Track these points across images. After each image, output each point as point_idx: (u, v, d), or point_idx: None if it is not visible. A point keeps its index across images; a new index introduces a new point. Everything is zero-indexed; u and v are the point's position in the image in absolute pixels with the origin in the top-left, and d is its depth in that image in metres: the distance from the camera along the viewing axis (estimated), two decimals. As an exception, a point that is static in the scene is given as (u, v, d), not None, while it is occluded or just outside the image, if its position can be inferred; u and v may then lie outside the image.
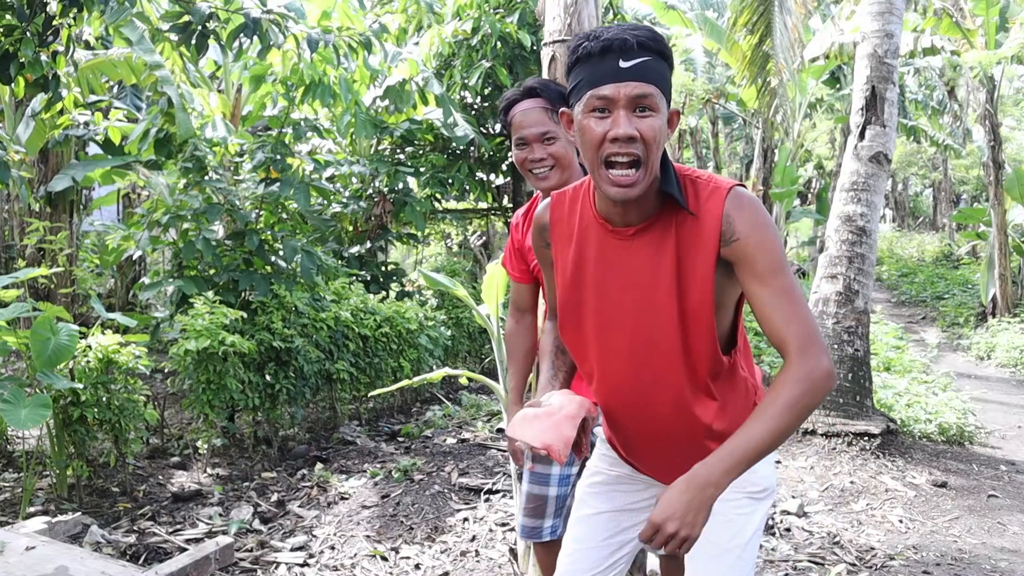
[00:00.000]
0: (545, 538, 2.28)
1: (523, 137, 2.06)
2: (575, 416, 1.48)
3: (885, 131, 5.29)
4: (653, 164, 1.38)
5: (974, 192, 25.29)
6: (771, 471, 1.63)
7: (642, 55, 1.35)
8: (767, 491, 1.61)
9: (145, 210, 5.42)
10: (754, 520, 1.57)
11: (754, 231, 1.39)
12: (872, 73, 5.29)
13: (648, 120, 1.35)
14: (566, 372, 1.71)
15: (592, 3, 2.71)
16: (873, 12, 5.35)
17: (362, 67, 6.47)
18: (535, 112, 2.05)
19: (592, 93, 1.36)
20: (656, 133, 1.36)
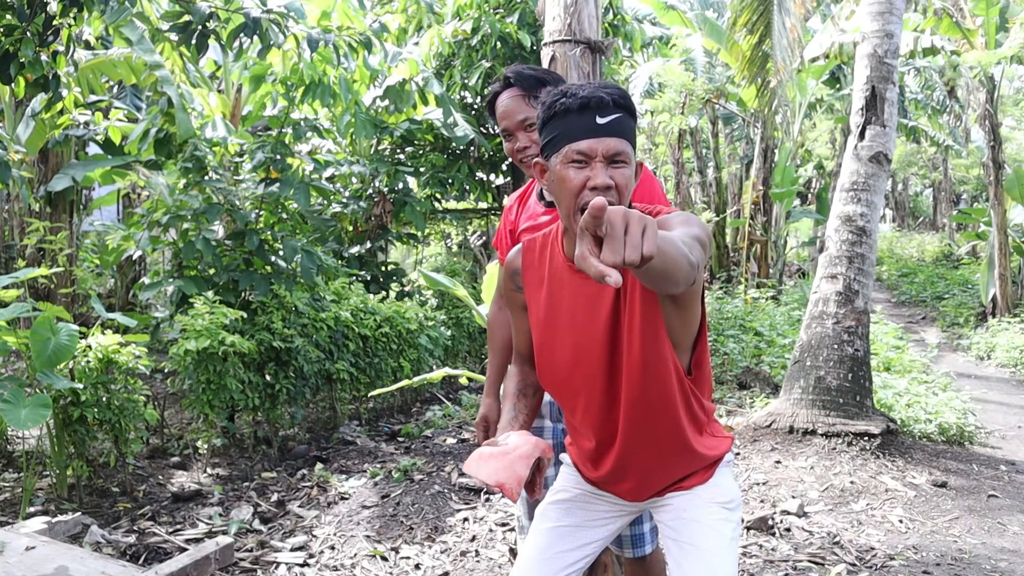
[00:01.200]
0: None
1: (506, 128, 2.07)
2: (529, 456, 1.54)
3: (885, 131, 5.29)
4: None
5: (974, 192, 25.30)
6: (734, 485, 1.73)
7: (616, 112, 1.46)
8: (734, 503, 1.70)
9: (145, 210, 5.42)
10: (728, 527, 1.65)
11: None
12: (872, 73, 5.29)
13: (621, 171, 1.47)
14: (527, 414, 1.78)
15: (592, 3, 2.71)
16: (873, 12, 5.35)
17: (362, 67, 6.47)
18: (513, 101, 2.05)
19: (572, 147, 1.46)
20: (627, 183, 1.47)
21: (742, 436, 5.03)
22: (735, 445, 4.93)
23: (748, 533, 3.64)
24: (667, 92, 12.48)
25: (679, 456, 1.66)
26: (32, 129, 6.85)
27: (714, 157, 15.62)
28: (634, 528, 2.08)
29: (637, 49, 10.43)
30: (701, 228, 1.40)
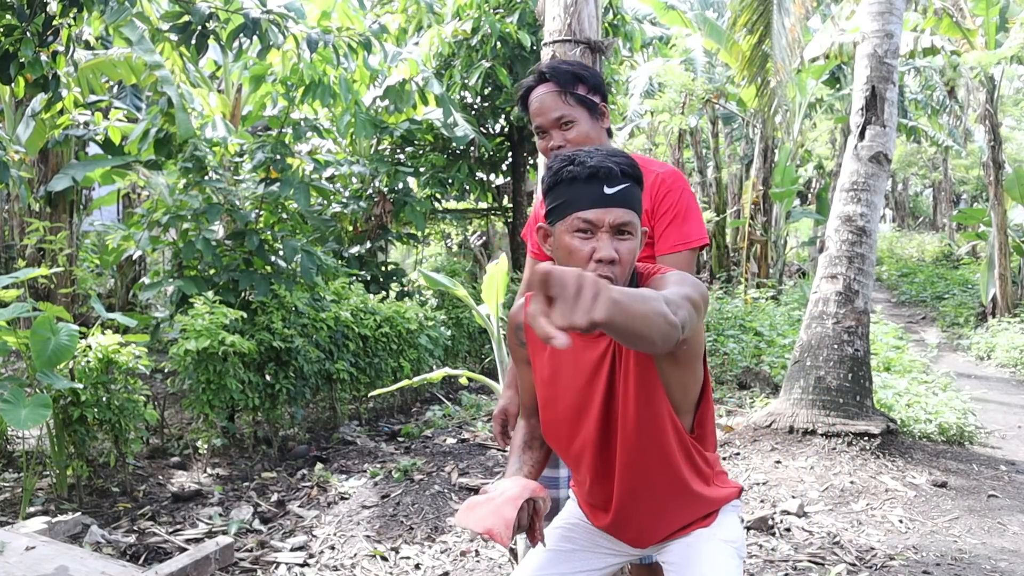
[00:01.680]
0: None
1: (540, 126, 2.00)
2: (516, 497, 1.50)
3: (885, 131, 5.29)
4: (625, 280, 1.48)
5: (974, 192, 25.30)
6: (738, 526, 1.73)
7: (624, 182, 1.45)
8: (738, 542, 1.69)
9: (145, 210, 5.42)
10: (733, 563, 1.64)
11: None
12: (872, 73, 5.29)
13: (627, 243, 1.46)
14: (531, 466, 1.75)
15: (592, 3, 2.71)
16: (873, 12, 5.35)
17: (362, 67, 6.47)
18: (549, 97, 1.97)
19: (578, 215, 1.45)
20: (632, 256, 1.47)
21: (742, 436, 5.03)
22: (736, 445, 4.93)
23: (748, 533, 3.64)
24: (667, 92, 12.49)
25: (682, 506, 1.66)
26: (32, 129, 6.85)
27: (714, 157, 15.62)
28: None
29: (637, 49, 10.44)
30: (694, 288, 1.39)
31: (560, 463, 2.19)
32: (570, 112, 1.96)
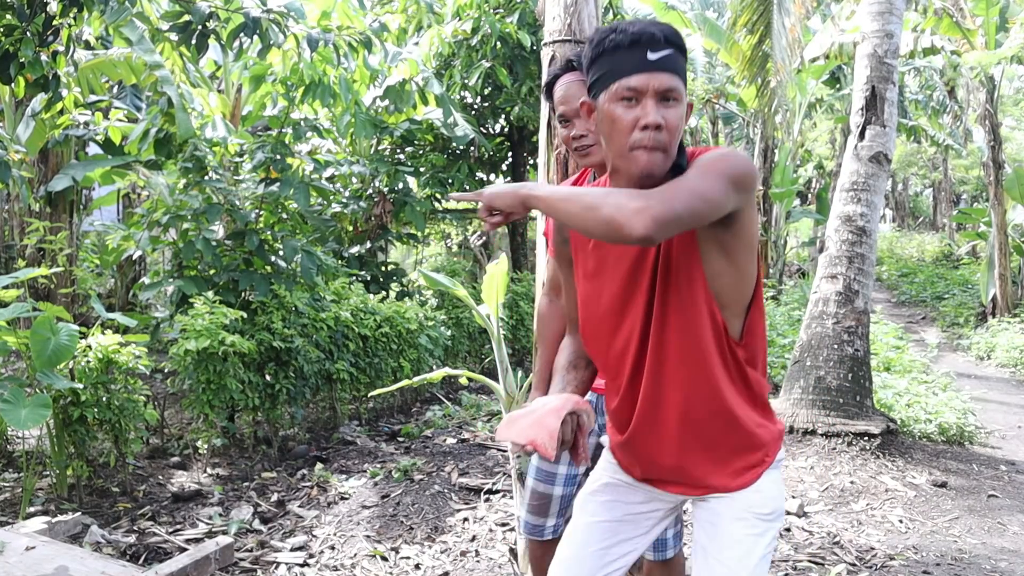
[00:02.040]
0: (547, 536, 2.25)
1: (563, 114, 2.01)
2: (558, 409, 1.44)
3: (885, 131, 5.29)
4: (673, 150, 1.43)
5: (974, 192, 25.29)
6: (779, 493, 1.59)
7: (667, 48, 1.40)
8: (775, 513, 1.57)
9: (145, 210, 5.42)
10: (762, 542, 1.54)
11: (705, 153, 1.41)
12: (872, 73, 5.29)
13: (673, 109, 1.40)
14: (575, 387, 1.69)
15: (592, 3, 2.71)
16: (873, 12, 5.35)
17: (362, 67, 6.47)
18: (576, 86, 1.99)
19: (622, 83, 1.40)
20: (679, 122, 1.41)
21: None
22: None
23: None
24: (667, 92, 12.46)
25: (720, 432, 1.54)
26: (32, 129, 6.85)
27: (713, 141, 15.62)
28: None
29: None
30: (723, 171, 1.35)
31: (560, 458, 2.17)
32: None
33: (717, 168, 1.35)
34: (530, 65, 8.26)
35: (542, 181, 2.72)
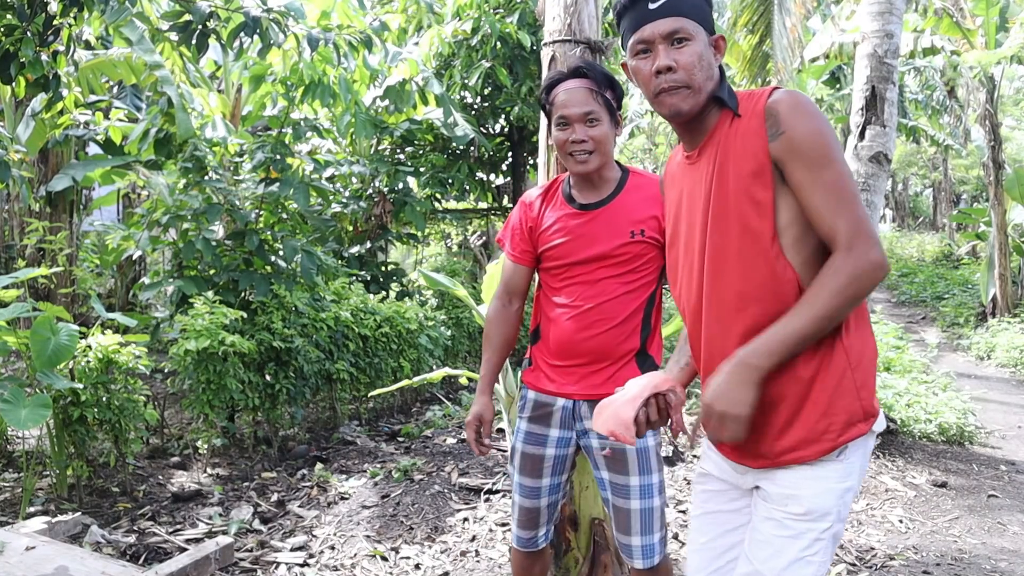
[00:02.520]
0: (540, 546, 2.24)
1: (565, 117, 2.01)
2: (636, 397, 1.55)
3: (885, 131, 5.29)
4: (698, 84, 1.47)
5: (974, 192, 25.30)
6: (823, 491, 1.44)
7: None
8: (814, 514, 1.44)
9: (145, 210, 5.42)
10: (796, 544, 1.43)
11: (798, 121, 1.39)
12: (872, 73, 5.29)
13: (686, 49, 1.46)
14: (688, 357, 1.69)
15: (592, 3, 2.71)
16: (873, 12, 5.35)
17: (362, 67, 6.47)
18: (580, 92, 2.01)
19: (633, 39, 1.51)
20: (695, 58, 1.46)
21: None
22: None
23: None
24: (667, 92, 12.46)
25: (778, 387, 1.43)
26: (32, 129, 6.85)
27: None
28: (644, 539, 2.05)
29: (637, 49, 10.42)
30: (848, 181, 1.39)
31: (543, 470, 2.15)
32: (598, 111, 2.00)
33: (840, 167, 1.39)
34: (530, 65, 8.25)
35: (542, 181, 2.72)
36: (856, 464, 1.46)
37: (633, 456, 2.05)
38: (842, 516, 1.46)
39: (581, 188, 2.11)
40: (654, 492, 2.06)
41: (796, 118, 1.39)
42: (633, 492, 2.05)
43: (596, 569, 2.67)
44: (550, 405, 2.13)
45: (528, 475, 2.17)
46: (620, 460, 2.05)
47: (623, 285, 2.04)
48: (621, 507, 2.08)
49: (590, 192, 2.10)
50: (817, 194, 1.37)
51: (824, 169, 1.38)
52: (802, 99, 1.41)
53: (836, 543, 1.47)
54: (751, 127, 1.44)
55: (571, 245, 2.08)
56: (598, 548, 2.67)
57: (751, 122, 1.44)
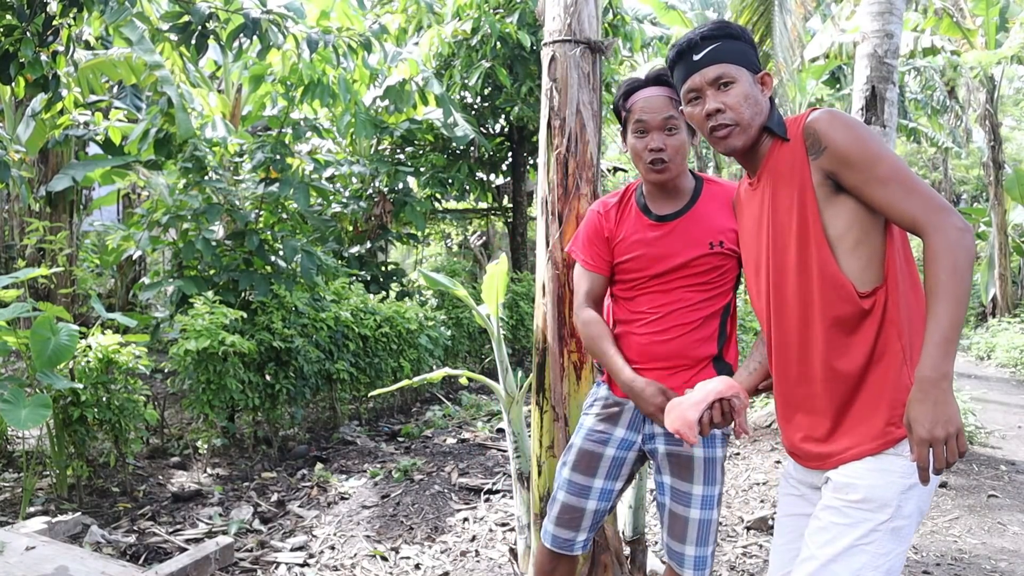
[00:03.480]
0: (576, 552, 2.15)
1: (644, 121, 1.98)
2: (702, 400, 1.72)
3: (885, 131, 5.29)
4: (747, 120, 1.62)
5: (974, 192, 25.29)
6: (884, 483, 1.47)
7: (708, 44, 1.64)
8: (871, 503, 1.47)
9: (145, 210, 5.42)
10: (852, 533, 1.46)
11: (837, 133, 1.49)
12: (872, 73, 5.29)
13: (731, 91, 1.62)
14: (758, 361, 1.84)
15: (592, 3, 2.71)
16: (873, 12, 5.35)
17: (361, 67, 6.47)
18: (660, 99, 1.98)
19: (684, 88, 1.69)
20: (739, 98, 1.61)
21: (742, 436, 5.02)
22: (736, 445, 4.92)
23: (748, 533, 3.64)
24: (667, 92, 12.46)
25: (826, 390, 1.54)
26: (32, 129, 6.86)
27: (714, 157, 15.62)
28: (699, 549, 2.02)
29: (637, 49, 10.43)
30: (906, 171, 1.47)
31: (598, 469, 2.10)
32: (678, 119, 1.99)
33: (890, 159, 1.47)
34: (530, 65, 8.25)
35: (542, 181, 2.72)
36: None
37: (700, 464, 2.01)
38: (905, 513, 1.46)
39: (656, 198, 2.07)
40: (714, 504, 2.03)
41: (834, 131, 1.49)
42: (695, 501, 2.01)
43: (596, 569, 2.67)
44: (622, 404, 2.09)
45: (582, 472, 2.11)
46: (686, 467, 2.02)
47: (699, 294, 2.01)
48: (680, 514, 2.03)
49: (665, 202, 2.05)
50: (878, 190, 1.45)
51: (875, 166, 1.45)
52: (837, 113, 1.52)
53: (900, 541, 1.46)
54: (795, 149, 1.56)
55: (648, 258, 2.04)
56: (598, 548, 2.67)
57: (795, 144, 1.57)
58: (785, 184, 1.58)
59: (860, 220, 1.50)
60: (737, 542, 3.53)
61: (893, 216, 1.46)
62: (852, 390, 1.53)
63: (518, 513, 2.95)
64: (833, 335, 1.54)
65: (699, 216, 2.01)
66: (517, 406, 3.00)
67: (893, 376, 1.50)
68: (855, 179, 1.47)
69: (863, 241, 1.50)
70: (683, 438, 1.69)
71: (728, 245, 1.98)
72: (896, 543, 1.46)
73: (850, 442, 1.52)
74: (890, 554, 1.45)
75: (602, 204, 2.17)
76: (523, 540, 2.93)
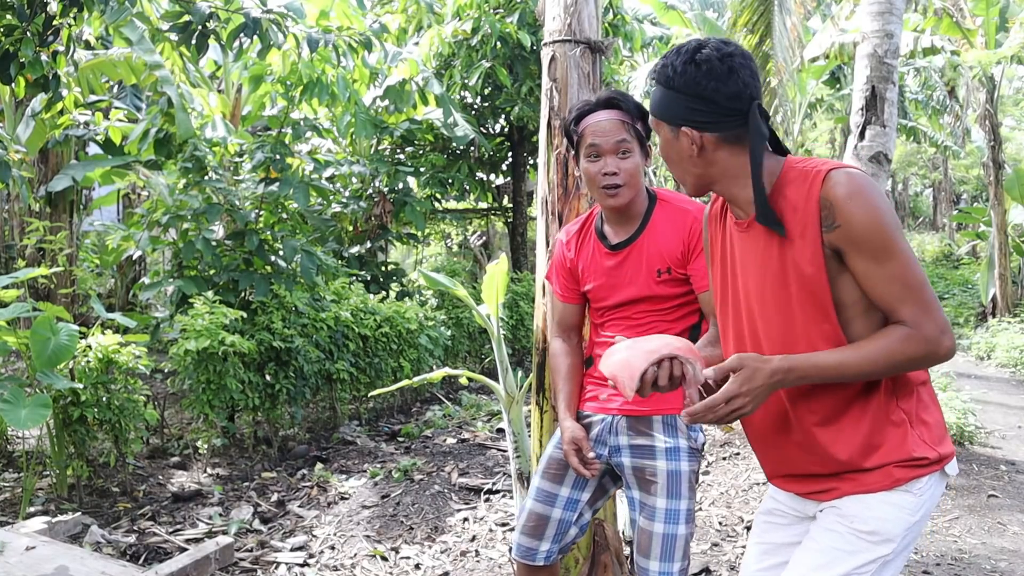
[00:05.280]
0: (539, 562, 2.11)
1: (596, 145, 1.97)
2: (652, 351, 1.42)
3: (885, 131, 5.28)
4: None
5: (974, 192, 25.30)
6: (895, 518, 1.43)
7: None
8: (877, 536, 1.43)
9: (145, 210, 5.42)
10: (850, 561, 1.43)
11: (855, 211, 1.36)
12: (872, 73, 5.28)
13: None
14: (709, 355, 1.72)
15: (592, 3, 2.71)
16: (873, 12, 5.34)
17: (361, 67, 6.47)
18: (612, 123, 1.97)
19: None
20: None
21: (742, 436, 5.03)
22: (736, 445, 4.92)
23: (748, 533, 3.64)
24: (667, 92, 12.45)
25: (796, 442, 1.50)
26: (32, 129, 6.86)
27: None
28: (663, 565, 1.98)
29: (637, 49, 10.44)
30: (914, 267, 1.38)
31: (564, 477, 2.10)
32: (631, 143, 1.98)
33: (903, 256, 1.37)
34: (530, 65, 8.25)
35: (542, 181, 2.72)
36: (928, 503, 1.46)
37: (664, 477, 1.99)
38: (900, 549, 1.44)
39: (612, 222, 2.07)
40: (680, 519, 1.99)
41: (852, 208, 1.35)
42: (658, 515, 1.98)
43: (596, 569, 2.67)
44: (589, 417, 2.11)
45: (549, 480, 2.12)
46: (650, 480, 2.01)
47: (662, 321, 2.01)
48: (644, 528, 2.01)
49: (620, 228, 2.06)
50: (880, 285, 1.37)
51: (887, 261, 1.36)
52: (858, 183, 1.37)
53: (892, 572, 1.45)
54: (807, 213, 1.40)
55: (606, 288, 2.05)
56: (598, 548, 2.67)
57: (808, 206, 1.40)
58: (794, 249, 1.43)
59: (864, 296, 1.42)
60: (737, 542, 3.53)
61: (882, 308, 1.39)
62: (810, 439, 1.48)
63: (518, 513, 2.95)
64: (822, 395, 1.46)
65: (648, 242, 2.02)
66: (517, 406, 3.00)
67: (898, 444, 1.44)
68: (861, 266, 1.37)
69: (870, 312, 1.42)
70: (618, 386, 1.42)
71: (676, 271, 1.98)
72: (888, 574, 1.46)
73: (854, 486, 1.47)
74: None
75: (565, 232, 2.19)
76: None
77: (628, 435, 2.04)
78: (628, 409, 2.03)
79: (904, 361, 1.36)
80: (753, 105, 1.43)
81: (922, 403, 1.48)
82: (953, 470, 1.49)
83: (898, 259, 1.35)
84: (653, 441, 2.01)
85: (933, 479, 1.46)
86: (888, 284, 1.36)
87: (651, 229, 2.02)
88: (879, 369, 1.37)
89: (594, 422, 2.10)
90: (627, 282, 2.02)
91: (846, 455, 1.45)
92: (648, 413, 2.02)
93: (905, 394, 1.46)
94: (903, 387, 1.46)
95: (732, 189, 1.50)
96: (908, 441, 1.44)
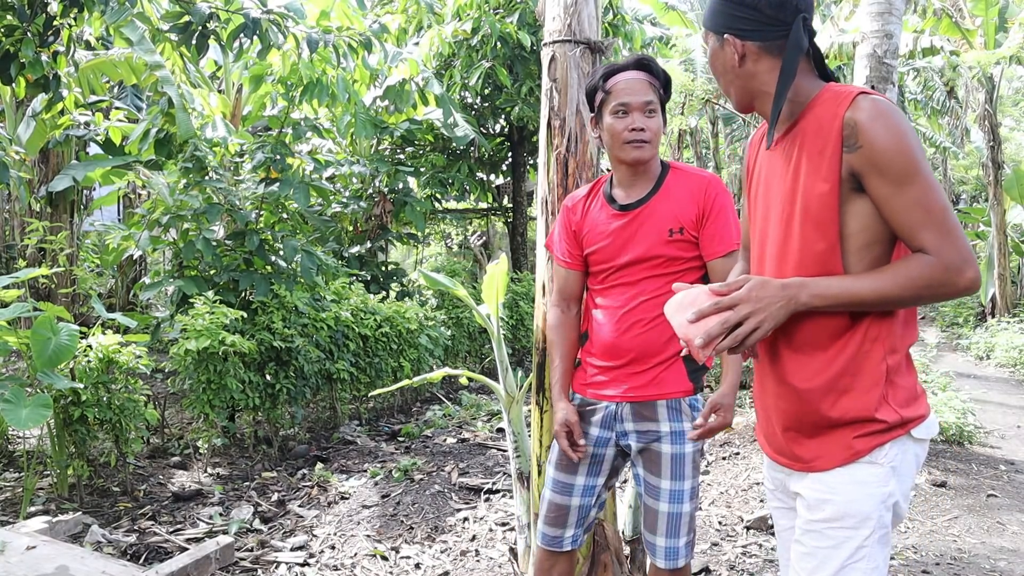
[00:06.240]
0: (566, 548, 2.17)
1: (626, 103, 2.00)
2: (699, 324, 1.38)
3: (885, 131, 5.29)
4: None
5: (974, 192, 25.30)
6: (861, 496, 1.41)
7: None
8: (850, 519, 1.41)
9: (145, 210, 5.42)
10: (839, 554, 1.41)
11: (878, 133, 1.33)
12: (872, 73, 5.29)
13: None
14: None
15: (592, 3, 2.71)
16: (873, 12, 5.35)
17: (361, 67, 6.48)
18: (641, 82, 2.02)
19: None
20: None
21: (742, 436, 5.03)
22: (735, 445, 4.93)
23: (748, 533, 3.64)
24: (667, 92, 12.47)
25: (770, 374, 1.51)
26: (32, 129, 6.87)
27: (714, 157, 15.61)
28: (669, 541, 2.04)
29: (637, 49, 10.44)
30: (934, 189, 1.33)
31: (578, 466, 2.13)
32: (656, 105, 2.03)
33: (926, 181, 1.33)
34: (530, 65, 8.26)
35: (542, 181, 2.72)
36: (899, 469, 1.42)
37: (668, 460, 2.04)
38: (885, 522, 1.41)
39: (623, 184, 2.10)
40: (684, 498, 2.05)
41: (876, 129, 1.32)
42: (663, 495, 2.05)
43: (596, 568, 2.67)
44: (594, 405, 2.13)
45: (563, 471, 2.15)
46: (655, 462, 2.06)
47: (664, 285, 2.01)
48: (650, 507, 2.07)
49: (631, 189, 2.09)
50: (901, 211, 1.33)
51: (908, 185, 1.32)
52: (883, 108, 1.34)
53: (886, 544, 1.43)
54: (830, 132, 1.38)
55: (612, 248, 2.07)
56: (598, 548, 2.67)
57: (832, 125, 1.37)
58: (808, 167, 1.41)
59: (875, 226, 1.37)
60: (737, 542, 3.53)
61: (903, 236, 1.35)
62: (822, 387, 1.44)
63: (518, 513, 2.95)
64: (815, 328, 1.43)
65: (660, 204, 2.05)
66: (517, 406, 3.01)
67: (864, 384, 1.41)
68: (881, 190, 1.33)
69: (869, 247, 1.38)
70: (691, 351, 1.40)
71: (688, 232, 2.01)
72: (883, 548, 1.43)
73: (819, 451, 1.45)
74: (880, 562, 1.43)
75: (571, 198, 2.22)
76: (523, 540, 2.93)
77: (633, 421, 2.07)
78: (630, 396, 2.07)
79: (922, 288, 1.31)
80: (799, 17, 1.41)
81: (899, 365, 1.43)
82: (926, 432, 1.44)
83: (920, 184, 1.31)
84: (658, 426, 2.06)
85: (899, 444, 1.41)
86: (909, 210, 1.32)
87: (664, 192, 2.06)
88: (894, 296, 1.32)
89: (598, 408, 2.13)
90: (635, 242, 2.04)
91: (807, 385, 1.43)
92: (652, 398, 2.06)
93: (890, 349, 1.41)
94: (887, 339, 1.41)
95: (767, 106, 1.48)
96: (874, 396, 1.40)
